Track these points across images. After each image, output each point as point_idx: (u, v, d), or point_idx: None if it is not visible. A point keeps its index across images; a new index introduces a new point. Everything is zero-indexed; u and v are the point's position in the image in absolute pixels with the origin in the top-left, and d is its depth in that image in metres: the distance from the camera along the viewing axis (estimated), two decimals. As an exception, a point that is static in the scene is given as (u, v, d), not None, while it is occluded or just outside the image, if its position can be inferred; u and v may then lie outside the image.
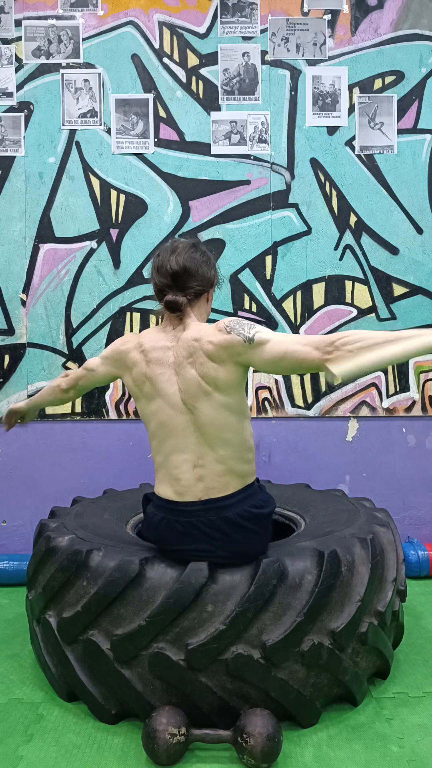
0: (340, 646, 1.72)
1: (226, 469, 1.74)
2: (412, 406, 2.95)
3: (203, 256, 1.84)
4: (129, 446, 2.92)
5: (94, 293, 2.91)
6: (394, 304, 2.94)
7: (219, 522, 1.71)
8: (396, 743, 1.66)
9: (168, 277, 1.78)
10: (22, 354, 2.90)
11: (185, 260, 1.78)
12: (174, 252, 1.81)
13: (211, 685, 1.65)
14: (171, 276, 1.78)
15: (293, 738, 1.68)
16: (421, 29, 2.91)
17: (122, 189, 2.90)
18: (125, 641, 1.67)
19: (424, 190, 2.93)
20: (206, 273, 1.82)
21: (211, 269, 1.84)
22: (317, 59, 2.90)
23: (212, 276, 1.85)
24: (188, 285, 1.79)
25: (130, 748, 1.65)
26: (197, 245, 1.86)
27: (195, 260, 1.80)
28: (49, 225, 2.90)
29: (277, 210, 2.92)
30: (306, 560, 1.74)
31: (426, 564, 2.70)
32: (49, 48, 2.88)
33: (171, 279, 1.78)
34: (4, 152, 2.89)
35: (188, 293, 1.78)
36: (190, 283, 1.79)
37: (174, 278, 1.78)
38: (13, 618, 2.40)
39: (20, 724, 1.75)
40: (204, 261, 1.82)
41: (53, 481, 2.91)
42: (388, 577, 1.90)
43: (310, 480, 2.89)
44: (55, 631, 1.81)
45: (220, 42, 2.89)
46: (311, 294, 2.93)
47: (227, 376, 1.71)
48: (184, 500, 1.75)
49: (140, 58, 2.89)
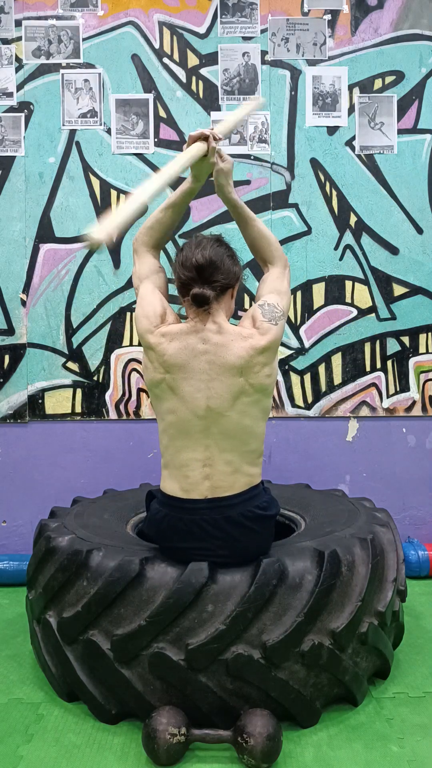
0: (340, 646, 1.72)
1: (234, 469, 1.74)
2: (412, 406, 2.95)
3: (228, 250, 1.80)
4: (129, 446, 2.92)
5: (94, 293, 2.91)
6: (394, 304, 2.94)
7: (222, 521, 1.71)
8: (396, 743, 1.66)
9: (193, 270, 1.73)
10: (22, 354, 2.90)
11: (210, 253, 1.74)
12: (199, 246, 1.77)
13: (211, 685, 1.65)
14: (196, 269, 1.73)
15: (293, 738, 1.68)
16: (421, 29, 2.91)
17: (122, 189, 2.90)
18: (125, 641, 1.67)
19: (424, 190, 2.93)
20: (231, 267, 1.78)
21: (236, 264, 1.81)
22: (317, 59, 2.90)
23: (237, 271, 1.81)
24: (214, 278, 1.73)
25: (130, 748, 1.65)
26: (221, 240, 1.83)
27: (220, 254, 1.76)
28: (49, 225, 2.90)
29: (277, 210, 2.92)
30: (306, 560, 1.74)
31: (426, 564, 2.70)
32: (49, 48, 2.88)
33: (196, 272, 1.73)
34: (4, 152, 2.89)
35: (214, 287, 1.73)
36: (215, 276, 1.74)
37: (199, 271, 1.73)
38: (13, 618, 2.40)
39: (20, 724, 1.75)
40: (229, 255, 1.79)
41: (53, 481, 2.91)
42: (388, 577, 1.90)
43: (310, 480, 2.89)
44: (55, 631, 1.81)
45: (220, 42, 2.89)
46: (311, 294, 2.93)
47: (273, 372, 1.77)
48: (189, 497, 1.74)
49: (140, 58, 2.89)
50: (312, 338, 2.94)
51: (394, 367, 2.95)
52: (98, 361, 2.91)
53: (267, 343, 1.74)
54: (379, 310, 2.94)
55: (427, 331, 2.95)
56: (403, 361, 2.95)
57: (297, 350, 2.94)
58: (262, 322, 1.76)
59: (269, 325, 1.76)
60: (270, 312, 1.78)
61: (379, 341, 2.95)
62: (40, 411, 2.90)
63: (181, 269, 1.77)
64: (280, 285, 1.86)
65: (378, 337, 2.94)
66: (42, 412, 2.90)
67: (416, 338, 2.95)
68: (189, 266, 1.75)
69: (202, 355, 1.72)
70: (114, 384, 2.91)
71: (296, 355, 2.93)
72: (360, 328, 2.94)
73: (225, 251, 1.78)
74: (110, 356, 2.91)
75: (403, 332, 2.95)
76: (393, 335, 2.95)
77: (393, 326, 2.94)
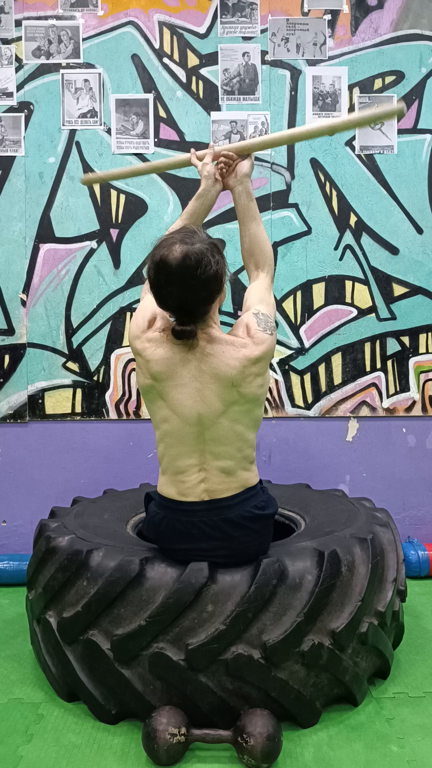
0: (340, 646, 1.72)
1: (230, 473, 1.74)
2: (412, 406, 2.95)
3: (210, 246, 1.59)
4: (129, 446, 2.92)
5: (94, 293, 2.91)
6: (394, 304, 2.94)
7: (221, 522, 1.71)
8: (396, 743, 1.66)
9: (169, 308, 1.65)
10: (22, 354, 2.90)
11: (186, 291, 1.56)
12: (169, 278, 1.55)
13: (211, 685, 1.65)
14: (173, 309, 1.64)
15: (293, 738, 1.68)
16: (421, 29, 2.91)
17: (122, 189, 2.90)
18: (125, 641, 1.67)
19: (424, 190, 2.93)
20: (213, 286, 1.61)
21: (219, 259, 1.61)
22: (317, 59, 2.90)
23: (222, 269, 1.62)
24: (195, 312, 1.62)
25: (130, 748, 1.65)
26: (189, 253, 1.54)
27: (194, 286, 1.56)
28: (49, 225, 2.89)
29: (277, 210, 2.92)
30: (306, 560, 1.74)
31: (426, 564, 2.70)
32: (49, 48, 2.88)
33: (174, 311, 1.64)
34: (4, 152, 2.89)
35: (195, 318, 1.63)
36: (196, 310, 1.62)
37: (177, 312, 1.64)
38: (13, 618, 2.40)
39: (20, 724, 1.75)
40: (211, 252, 1.58)
41: (53, 481, 2.91)
42: (388, 577, 1.90)
43: (310, 480, 2.89)
44: (55, 631, 1.81)
45: (220, 42, 2.89)
46: (311, 294, 2.93)
47: (265, 383, 1.73)
48: (187, 500, 1.74)
49: (140, 58, 2.89)
50: (312, 338, 2.94)
51: (394, 367, 2.95)
52: (98, 361, 2.91)
53: (261, 353, 1.68)
54: (379, 310, 2.94)
55: (427, 331, 2.95)
56: (403, 361, 2.95)
57: (297, 350, 2.94)
58: (257, 330, 1.69)
59: (264, 335, 1.69)
60: (264, 322, 1.72)
61: (379, 341, 2.95)
62: (40, 411, 2.90)
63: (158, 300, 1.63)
64: (269, 297, 1.83)
65: (378, 337, 2.94)
66: (42, 412, 2.90)
67: (416, 338, 2.95)
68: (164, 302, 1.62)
69: (190, 362, 1.68)
70: (114, 384, 2.91)
71: (296, 355, 2.93)
72: (360, 328, 2.94)
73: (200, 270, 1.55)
74: (110, 356, 2.91)
75: (403, 332, 2.95)
76: (393, 335, 2.95)
77: (393, 326, 2.94)
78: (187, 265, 1.55)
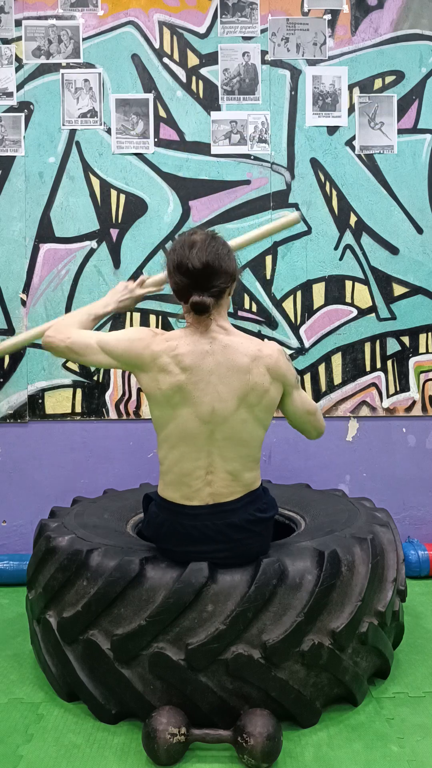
0: (340, 646, 1.72)
1: (235, 477, 1.74)
2: (412, 406, 2.95)
3: (224, 247, 1.71)
4: (129, 446, 2.92)
5: (94, 293, 2.91)
6: (394, 304, 2.94)
7: (224, 526, 1.71)
8: (396, 743, 1.66)
9: (190, 276, 1.66)
10: (22, 354, 2.90)
11: (207, 256, 1.64)
12: (193, 247, 1.67)
13: (211, 685, 1.65)
14: (193, 275, 1.65)
15: (293, 738, 1.68)
16: (421, 29, 2.91)
17: (122, 189, 2.90)
18: (125, 641, 1.67)
19: (424, 190, 2.93)
20: (229, 267, 1.69)
21: (232, 261, 1.72)
22: (317, 59, 2.90)
23: (234, 269, 1.73)
24: (212, 284, 1.66)
25: (130, 748, 1.65)
26: (216, 236, 1.72)
27: (217, 255, 1.66)
28: (49, 225, 2.89)
29: (277, 210, 2.92)
30: (306, 560, 1.74)
31: (426, 564, 2.70)
32: (49, 48, 2.88)
33: (193, 278, 1.65)
34: (4, 152, 2.89)
35: (213, 292, 1.66)
36: (214, 281, 1.66)
37: (196, 277, 1.65)
38: (13, 618, 2.40)
39: (20, 724, 1.75)
40: (225, 254, 1.70)
41: (53, 481, 2.91)
42: (388, 577, 1.90)
43: (310, 480, 2.89)
44: (55, 631, 1.81)
45: (220, 42, 2.89)
46: (311, 294, 2.93)
47: (275, 395, 1.75)
48: (191, 504, 1.74)
49: (140, 58, 2.89)
50: (312, 338, 2.94)
51: (394, 367, 2.95)
52: (98, 361, 2.91)
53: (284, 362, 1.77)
54: (379, 310, 2.94)
55: (427, 331, 2.95)
56: (403, 361, 2.95)
57: (297, 350, 2.94)
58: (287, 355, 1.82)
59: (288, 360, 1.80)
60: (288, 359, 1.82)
61: (379, 341, 2.95)
62: (40, 411, 2.90)
63: (176, 273, 1.68)
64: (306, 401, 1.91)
65: (378, 337, 2.94)
66: (42, 412, 2.90)
67: (416, 338, 2.95)
68: (185, 271, 1.66)
69: (209, 355, 1.69)
70: (114, 384, 2.91)
71: (296, 355, 2.93)
72: (360, 328, 2.94)
73: (222, 249, 1.69)
74: (110, 356, 2.91)
75: (403, 332, 2.95)
76: (393, 335, 2.95)
77: (393, 326, 2.94)
78: (209, 235, 1.73)
